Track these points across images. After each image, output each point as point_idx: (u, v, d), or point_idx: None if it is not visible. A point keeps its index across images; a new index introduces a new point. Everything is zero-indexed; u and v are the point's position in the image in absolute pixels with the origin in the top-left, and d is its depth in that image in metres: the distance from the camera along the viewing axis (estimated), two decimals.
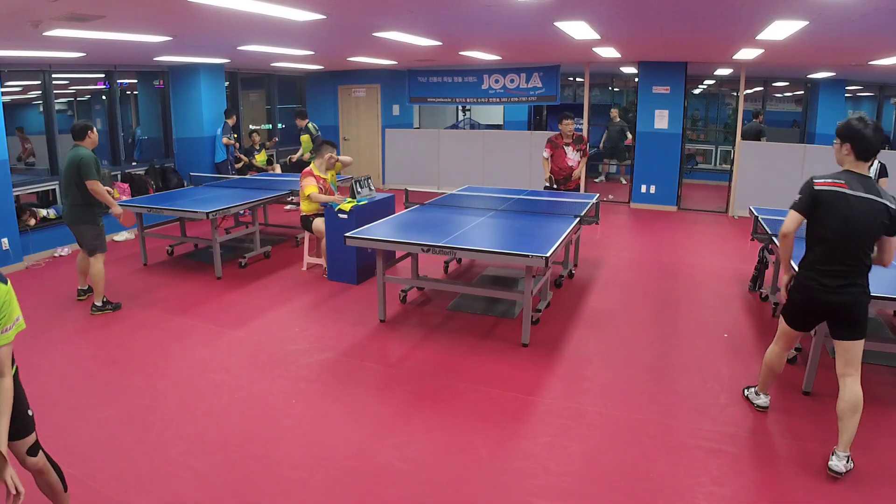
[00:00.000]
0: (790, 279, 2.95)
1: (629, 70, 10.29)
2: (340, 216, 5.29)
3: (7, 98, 6.75)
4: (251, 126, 10.07)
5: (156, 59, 7.53)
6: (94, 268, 4.69)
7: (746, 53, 6.73)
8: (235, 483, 2.66)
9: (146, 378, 3.66)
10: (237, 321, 4.59)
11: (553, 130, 9.34)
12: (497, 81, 9.90)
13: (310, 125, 8.71)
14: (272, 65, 9.15)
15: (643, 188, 9.27)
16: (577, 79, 12.27)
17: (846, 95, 11.32)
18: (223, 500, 2.56)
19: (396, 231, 4.62)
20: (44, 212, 6.61)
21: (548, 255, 3.77)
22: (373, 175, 8.99)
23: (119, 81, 8.02)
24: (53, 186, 6.85)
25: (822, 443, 2.92)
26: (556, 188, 6.45)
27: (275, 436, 3.04)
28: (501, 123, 13.57)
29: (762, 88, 12.12)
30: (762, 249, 5.07)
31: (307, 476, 2.71)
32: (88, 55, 6.39)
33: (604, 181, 11.72)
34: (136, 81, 8.87)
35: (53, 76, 6.98)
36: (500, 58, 8.54)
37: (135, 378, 3.66)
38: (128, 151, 8.50)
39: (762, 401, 3.27)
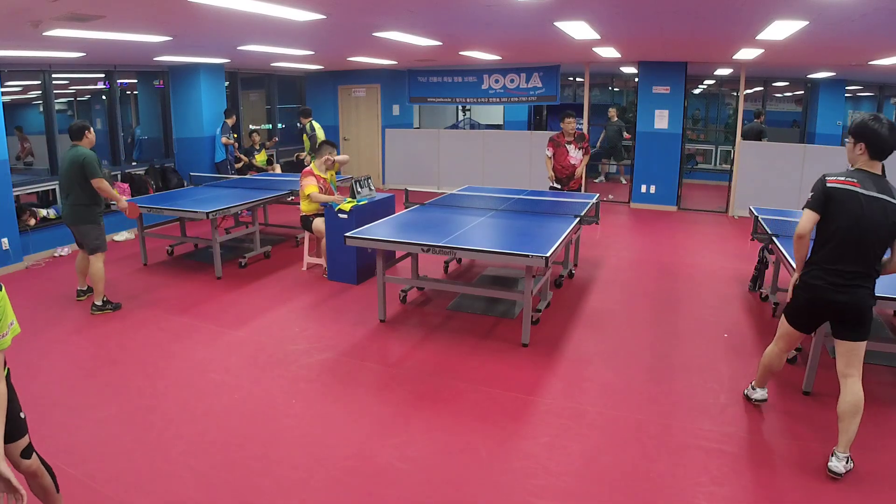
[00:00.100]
0: (797, 279, 2.89)
1: (629, 70, 10.29)
2: (340, 216, 5.29)
3: (7, 98, 6.75)
4: (251, 126, 10.07)
5: (156, 59, 7.53)
6: (94, 267, 4.69)
7: (746, 53, 6.73)
8: (235, 483, 2.66)
9: (146, 378, 3.66)
10: (237, 321, 4.59)
11: (553, 130, 9.35)
12: (497, 81, 9.90)
13: (313, 123, 8.68)
14: (272, 65, 9.14)
15: (643, 188, 9.26)
16: (577, 79, 12.27)
17: (846, 95, 11.32)
18: (223, 500, 2.56)
19: (396, 231, 4.62)
20: (44, 212, 6.61)
21: (548, 255, 3.78)
22: (373, 175, 8.98)
23: (119, 81, 8.02)
24: (53, 186, 6.84)
25: (822, 443, 2.92)
26: (560, 188, 6.46)
27: (275, 436, 3.04)
28: (501, 123, 13.56)
29: (762, 88, 12.11)
30: (762, 249, 5.07)
31: (307, 476, 2.71)
32: (88, 55, 6.39)
33: (604, 181, 11.72)
34: (136, 81, 8.87)
35: (53, 76, 6.98)
36: (500, 58, 8.54)
37: (135, 378, 3.66)
38: (127, 151, 8.49)
39: (759, 394, 3.26)
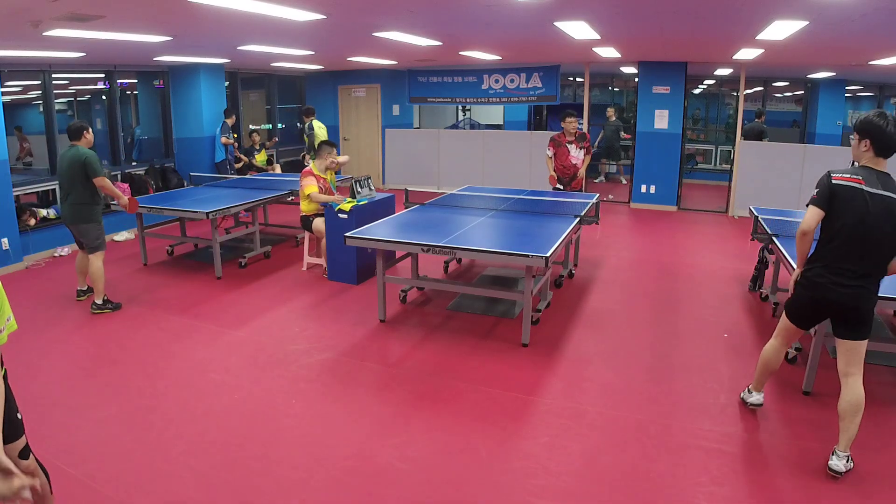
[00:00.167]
0: (799, 275, 2.86)
1: (629, 70, 10.29)
2: (340, 216, 5.29)
3: (7, 98, 6.75)
4: (251, 126, 10.07)
5: (156, 59, 7.53)
6: (94, 266, 4.69)
7: (746, 53, 6.73)
8: (235, 483, 2.66)
9: (146, 378, 3.66)
10: (237, 321, 4.59)
11: (553, 130, 9.35)
12: (497, 81, 9.90)
13: (314, 123, 8.67)
14: (272, 65, 9.14)
15: (643, 188, 9.26)
16: (577, 79, 12.27)
17: (846, 95, 11.32)
18: (223, 500, 2.56)
19: (396, 231, 4.62)
20: (44, 212, 6.61)
21: (548, 255, 3.77)
22: (373, 175, 8.99)
23: (119, 81, 8.02)
24: (53, 186, 6.83)
25: (822, 443, 2.92)
26: (563, 188, 6.46)
27: (275, 436, 3.04)
28: (501, 123, 13.57)
29: (762, 88, 12.11)
30: (762, 249, 5.07)
31: (307, 476, 2.71)
32: (88, 55, 6.39)
33: (603, 181, 11.72)
34: (136, 81, 8.87)
35: (53, 76, 6.98)
36: (500, 58, 8.54)
37: (135, 378, 3.66)
38: (127, 151, 8.49)
39: (754, 398, 3.22)
